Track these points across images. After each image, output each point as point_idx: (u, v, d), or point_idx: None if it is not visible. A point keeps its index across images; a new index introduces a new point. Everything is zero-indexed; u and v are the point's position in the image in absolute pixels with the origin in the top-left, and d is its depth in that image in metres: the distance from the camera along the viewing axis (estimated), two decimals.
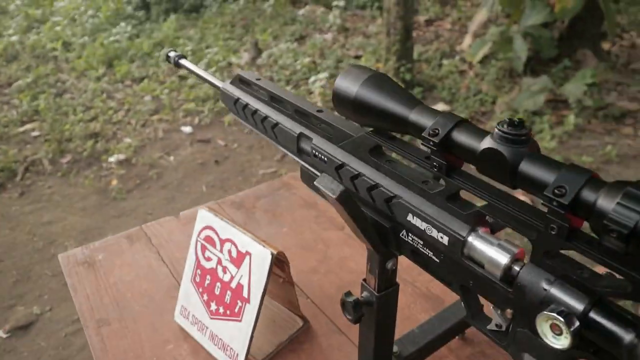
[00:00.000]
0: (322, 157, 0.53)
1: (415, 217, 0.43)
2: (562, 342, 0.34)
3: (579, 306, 0.34)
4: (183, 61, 0.81)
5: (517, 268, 0.38)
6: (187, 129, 3.40)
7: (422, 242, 0.45)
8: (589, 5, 3.95)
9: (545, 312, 0.34)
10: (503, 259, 0.38)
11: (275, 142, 0.62)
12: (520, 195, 1.55)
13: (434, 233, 0.42)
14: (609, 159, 2.99)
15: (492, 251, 0.39)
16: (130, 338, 0.78)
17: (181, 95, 3.87)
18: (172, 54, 0.81)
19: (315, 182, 0.45)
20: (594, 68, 4.13)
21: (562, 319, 0.33)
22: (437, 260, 0.44)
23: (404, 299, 0.82)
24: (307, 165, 0.57)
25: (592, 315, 0.34)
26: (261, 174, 2.96)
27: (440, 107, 3.61)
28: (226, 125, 3.45)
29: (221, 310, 0.70)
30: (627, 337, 0.33)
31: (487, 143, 0.36)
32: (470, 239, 0.40)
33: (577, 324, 0.33)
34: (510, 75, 4.05)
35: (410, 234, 0.46)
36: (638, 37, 5.24)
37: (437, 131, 0.39)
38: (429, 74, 4.19)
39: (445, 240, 0.41)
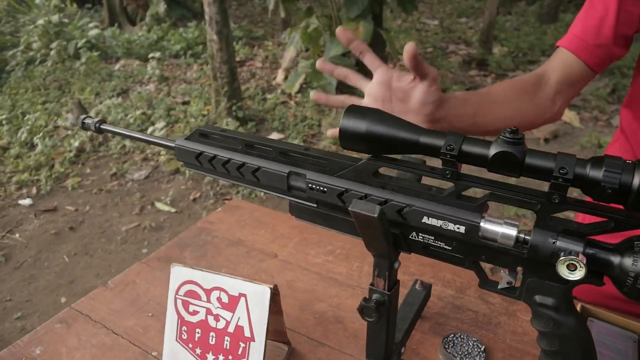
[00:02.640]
0: (321, 188, 0.57)
1: (430, 218, 0.51)
2: (578, 275, 0.44)
3: (578, 248, 0.45)
4: (106, 126, 0.75)
5: (522, 235, 0.48)
6: (26, 202, 3.00)
7: (433, 238, 0.53)
8: (375, 36, 4.51)
9: (562, 257, 0.44)
10: (513, 231, 0.48)
11: (254, 186, 0.64)
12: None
13: (451, 226, 0.50)
14: None
15: (502, 228, 0.48)
16: None
17: (8, 168, 3.39)
18: (88, 120, 0.75)
19: (350, 208, 0.49)
20: None
21: (576, 260, 0.44)
22: (450, 248, 0.52)
23: None
24: (298, 201, 0.61)
25: (588, 250, 0.45)
26: (125, 230, 2.75)
27: (275, 136, 3.77)
28: (70, 190, 3.13)
29: (221, 357, 0.69)
30: (615, 259, 0.45)
31: (496, 148, 0.45)
32: (482, 223, 0.49)
33: (585, 260, 0.44)
34: None
35: (421, 234, 0.53)
36: None
37: (452, 147, 0.47)
38: (257, 108, 4.34)
39: (462, 229, 0.49)
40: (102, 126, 0.74)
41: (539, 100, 0.81)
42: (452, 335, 0.78)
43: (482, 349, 0.75)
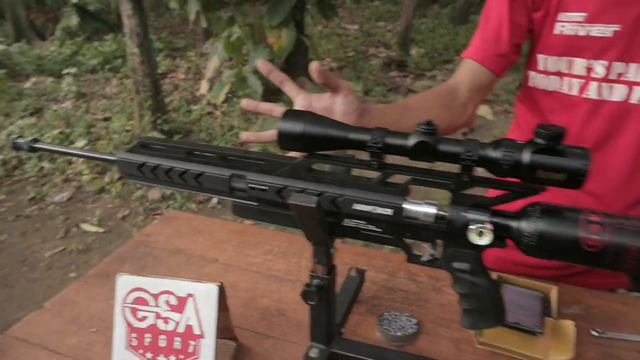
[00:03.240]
0: (261, 186, 0.62)
1: (361, 204, 0.57)
2: (486, 240, 0.52)
3: (485, 217, 0.53)
4: (41, 144, 0.76)
5: (441, 212, 0.55)
6: None
7: (365, 222, 0.59)
8: (297, 42, 4.60)
9: (471, 226, 0.52)
10: (433, 209, 0.55)
11: (197, 191, 0.68)
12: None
13: (379, 210, 0.57)
14: None
15: (423, 208, 0.56)
16: None
17: None
18: (20, 140, 0.75)
19: (289, 201, 0.55)
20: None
21: (484, 227, 0.52)
22: (379, 230, 0.59)
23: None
24: (240, 201, 0.65)
25: (493, 219, 0.53)
26: (49, 256, 2.62)
27: None
28: None
29: (172, 358, 0.71)
30: (514, 224, 0.53)
31: (414, 139, 0.52)
32: (405, 205, 0.56)
33: (491, 226, 0.52)
34: None
35: (353, 220, 0.60)
36: (332, 62, 6.28)
37: (377, 140, 0.54)
38: (182, 120, 4.29)
39: (389, 211, 0.56)
40: (35, 145, 0.74)
41: (453, 109, 0.91)
42: (386, 313, 0.85)
43: (414, 322, 0.83)
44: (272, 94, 4.66)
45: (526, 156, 0.49)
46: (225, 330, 0.79)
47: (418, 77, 5.69)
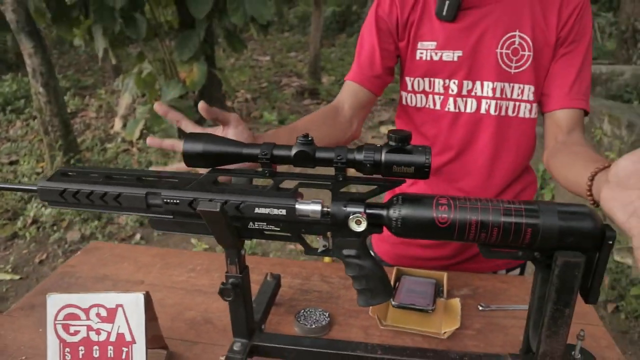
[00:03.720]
0: (174, 201, 0.72)
1: (260, 208, 0.69)
2: (362, 227, 0.66)
3: (360, 209, 0.67)
4: None
5: (325, 209, 0.68)
6: None
7: (266, 223, 0.71)
8: (210, 76, 4.69)
9: (351, 217, 0.65)
10: (318, 206, 0.68)
11: (117, 211, 0.76)
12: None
13: (276, 211, 0.69)
14: None
15: (310, 206, 0.68)
16: None
17: None
18: None
19: (198, 208, 0.65)
20: None
21: (359, 216, 0.65)
22: (278, 229, 0.71)
23: None
24: (157, 216, 0.75)
25: (367, 210, 0.67)
26: None
27: None
28: None
29: None
30: (384, 212, 0.67)
31: (295, 149, 0.65)
32: (296, 205, 0.69)
33: (365, 215, 0.66)
34: None
35: (256, 222, 0.71)
36: (246, 93, 6.42)
37: (265, 153, 0.66)
38: (97, 159, 4.20)
39: (284, 212, 0.68)
40: None
41: (339, 125, 1.06)
42: (302, 310, 0.96)
43: (327, 315, 0.95)
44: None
45: (382, 156, 0.63)
46: (155, 339, 0.87)
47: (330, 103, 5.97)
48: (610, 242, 0.62)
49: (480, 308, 0.99)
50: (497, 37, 1.00)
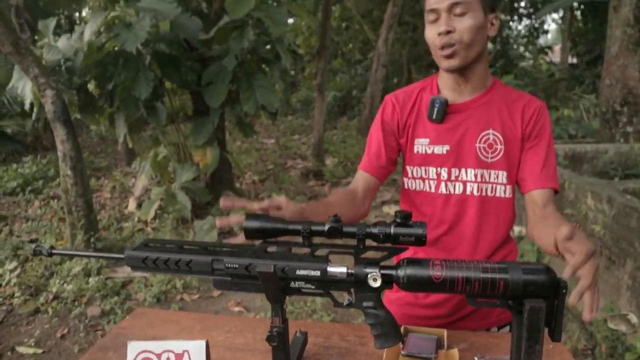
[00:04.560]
0: (234, 265, 0.94)
1: (300, 270, 0.92)
2: (378, 283, 0.88)
3: (376, 269, 0.89)
4: (57, 250, 1.03)
5: (350, 270, 0.91)
6: None
7: (304, 282, 0.93)
8: (221, 159, 5.02)
9: (369, 276, 0.88)
10: (344, 269, 0.91)
11: (188, 274, 0.98)
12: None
13: (312, 273, 0.91)
14: None
15: (339, 269, 0.91)
16: None
17: None
18: (38, 247, 1.03)
19: (257, 270, 0.88)
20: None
21: (376, 275, 0.88)
22: (313, 287, 0.93)
23: None
24: (219, 277, 0.97)
25: (381, 271, 0.90)
26: None
27: None
28: None
29: None
30: (393, 272, 0.90)
31: (328, 225, 0.89)
32: (328, 268, 0.91)
33: (380, 274, 0.88)
34: (183, 222, 4.68)
35: (297, 282, 0.93)
36: (253, 175, 6.75)
37: (306, 228, 0.90)
38: (115, 238, 4.41)
39: (318, 273, 0.91)
40: (53, 251, 1.02)
41: (356, 205, 1.31)
42: None
43: None
44: (199, 208, 4.96)
45: (391, 230, 0.87)
46: None
47: (334, 184, 6.29)
48: (564, 291, 0.84)
49: (476, 358, 1.18)
50: (476, 134, 1.29)
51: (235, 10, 4.15)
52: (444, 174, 1.30)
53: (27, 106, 4.21)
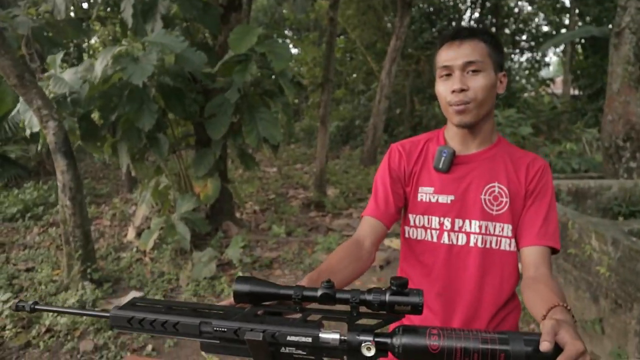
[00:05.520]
0: (222, 329, 0.90)
1: (291, 336, 0.87)
2: (372, 352, 0.84)
3: (370, 338, 0.85)
4: (40, 306, 0.99)
5: (343, 337, 0.87)
6: None
7: (295, 348, 0.89)
8: (221, 189, 5.00)
9: (362, 344, 0.84)
10: (337, 335, 0.87)
11: (175, 335, 0.94)
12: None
13: (303, 339, 0.87)
14: None
15: (331, 335, 0.87)
16: None
17: None
18: (22, 303, 0.99)
19: (245, 337, 0.84)
20: (238, 234, 5.13)
21: (369, 344, 0.84)
22: (305, 353, 0.89)
23: None
24: (207, 340, 0.93)
25: (375, 339, 0.86)
26: None
27: (134, 294, 3.83)
28: None
29: None
30: (388, 340, 0.85)
31: (320, 291, 0.85)
32: (320, 334, 0.87)
33: (374, 343, 0.84)
34: (182, 253, 4.63)
35: (287, 347, 0.89)
36: (254, 205, 6.72)
37: (297, 294, 0.86)
38: (111, 268, 4.36)
39: (310, 339, 0.87)
40: (36, 307, 0.98)
41: (362, 257, 1.23)
42: None
43: None
44: (199, 239, 4.92)
45: (386, 297, 0.84)
46: None
47: (336, 216, 6.24)
48: None
49: None
50: (481, 186, 1.26)
51: (238, 46, 4.20)
52: (447, 223, 1.27)
53: (27, 133, 4.21)
